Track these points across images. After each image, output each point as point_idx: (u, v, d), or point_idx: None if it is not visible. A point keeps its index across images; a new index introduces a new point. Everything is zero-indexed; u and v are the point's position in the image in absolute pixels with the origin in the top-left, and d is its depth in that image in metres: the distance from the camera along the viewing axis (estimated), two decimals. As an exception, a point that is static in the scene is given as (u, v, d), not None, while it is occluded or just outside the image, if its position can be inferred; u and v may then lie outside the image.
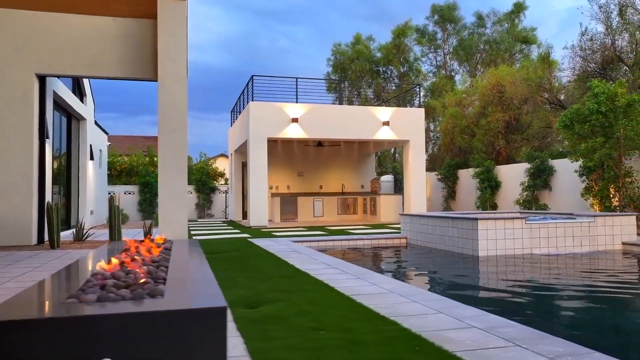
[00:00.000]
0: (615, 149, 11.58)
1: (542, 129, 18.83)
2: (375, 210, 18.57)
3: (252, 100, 16.36)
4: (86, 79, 15.53)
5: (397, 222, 15.99)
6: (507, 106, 19.70)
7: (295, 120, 16.32)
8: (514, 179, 17.17)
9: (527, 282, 6.95)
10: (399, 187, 20.28)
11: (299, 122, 16.36)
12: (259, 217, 15.89)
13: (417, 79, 29.81)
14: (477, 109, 20.98)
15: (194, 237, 12.12)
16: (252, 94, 16.52)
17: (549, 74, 18.59)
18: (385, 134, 17.13)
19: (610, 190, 12.04)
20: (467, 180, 19.62)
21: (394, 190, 19.77)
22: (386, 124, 17.06)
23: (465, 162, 20.51)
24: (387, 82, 30.97)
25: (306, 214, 18.95)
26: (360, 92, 31.04)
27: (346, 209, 19.75)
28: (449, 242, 9.56)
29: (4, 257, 7.97)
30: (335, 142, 20.08)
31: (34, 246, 9.67)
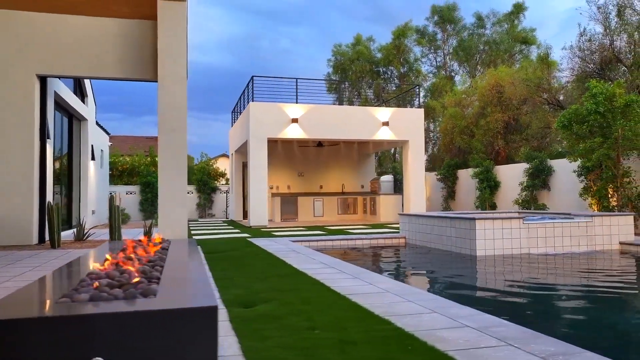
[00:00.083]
0: (613, 149, 11.59)
1: (541, 129, 18.82)
2: (375, 210, 18.60)
3: (253, 100, 16.41)
4: (87, 80, 15.60)
5: (397, 222, 16.01)
6: (506, 106, 19.70)
7: (295, 120, 16.35)
8: (513, 179, 17.18)
9: (523, 282, 6.95)
10: (399, 187, 20.31)
11: (298, 123, 16.39)
12: (259, 217, 15.92)
13: (417, 79, 29.78)
14: (477, 109, 20.97)
15: (195, 236, 12.16)
16: (252, 94, 16.57)
17: (548, 74, 18.58)
18: (384, 134, 17.16)
19: (608, 190, 12.05)
20: (467, 180, 19.64)
21: (393, 190, 19.81)
22: (386, 124, 17.08)
23: (464, 162, 20.52)
24: (387, 83, 30.95)
25: (306, 214, 18.99)
26: (360, 93, 31.04)
27: (346, 208, 19.79)
28: (447, 242, 9.59)
29: (4, 256, 8.02)
30: (335, 142, 20.11)
31: (35, 246, 9.72)
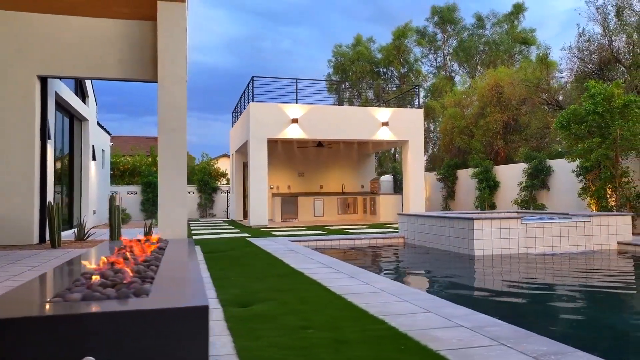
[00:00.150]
0: (611, 149, 11.60)
1: (540, 130, 18.84)
2: (375, 210, 18.63)
3: (253, 101, 16.44)
4: (88, 80, 15.65)
5: (397, 222, 16.02)
6: (505, 107, 19.71)
7: (295, 120, 16.39)
8: (512, 179, 17.19)
9: (520, 282, 6.96)
10: (399, 187, 20.34)
11: (298, 123, 16.42)
12: (259, 217, 15.96)
13: (417, 80, 29.81)
14: (476, 109, 20.98)
15: (195, 236, 12.21)
16: (252, 94, 16.60)
17: (547, 74, 18.59)
18: (384, 135, 17.18)
19: (607, 190, 12.06)
20: (466, 180, 19.65)
21: (393, 190, 19.84)
22: (385, 124, 17.10)
23: (464, 162, 20.53)
24: (388, 83, 30.97)
25: (306, 214, 19.03)
26: (360, 93, 31.06)
27: (346, 208, 19.82)
28: (446, 242, 9.62)
29: (5, 256, 8.07)
30: (334, 142, 20.14)
31: (36, 245, 9.78)
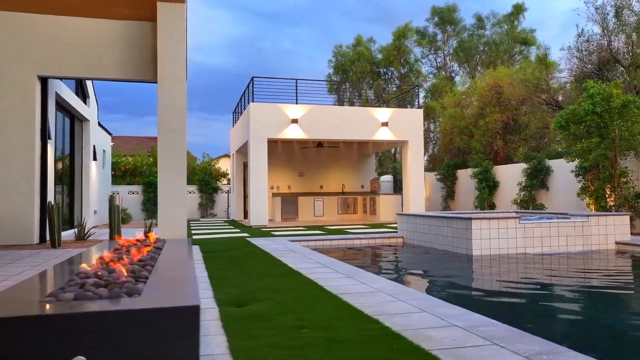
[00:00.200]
0: (610, 149, 11.62)
1: (540, 130, 18.86)
2: (374, 210, 18.66)
3: (253, 101, 16.48)
4: (89, 81, 15.69)
5: (396, 222, 16.06)
6: (505, 107, 19.73)
7: (295, 121, 16.42)
8: (511, 179, 17.21)
9: (517, 282, 6.98)
10: (399, 187, 20.36)
11: (298, 123, 16.45)
12: (259, 217, 16.00)
13: (417, 80, 29.83)
14: (476, 109, 21.01)
15: (195, 236, 12.25)
16: (252, 95, 16.64)
17: (547, 75, 18.60)
18: (384, 135, 17.21)
19: (605, 190, 12.08)
20: (466, 180, 19.67)
21: (393, 190, 19.87)
22: (385, 124, 17.13)
23: (464, 163, 20.55)
24: (388, 84, 30.99)
25: (307, 214, 19.06)
26: (361, 94, 31.08)
27: (346, 208, 19.86)
28: (444, 242, 9.65)
29: (5, 255, 8.12)
30: (334, 142, 20.17)
31: (36, 245, 9.82)
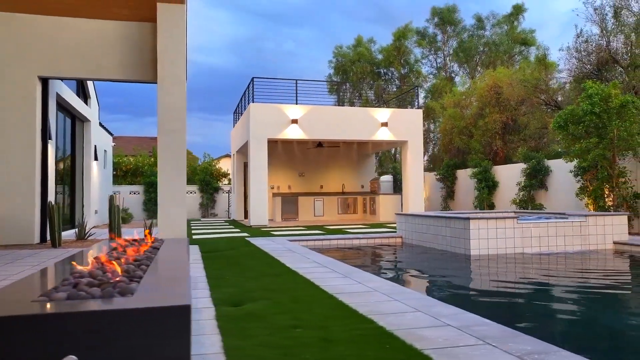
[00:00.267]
0: (608, 149, 11.64)
1: (539, 130, 18.89)
2: (374, 209, 18.70)
3: (253, 102, 16.53)
4: (90, 82, 15.75)
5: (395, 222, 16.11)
6: (504, 107, 19.76)
7: (295, 121, 16.46)
8: (510, 179, 17.23)
9: (514, 282, 7.01)
10: (399, 187, 20.40)
11: (298, 123, 16.50)
12: (259, 217, 16.05)
13: (417, 80, 29.87)
14: (475, 110, 21.04)
15: (195, 236, 12.30)
16: (252, 95, 16.69)
17: (546, 75, 18.62)
18: (383, 135, 17.25)
19: (604, 190, 12.10)
20: (465, 180, 19.70)
21: (393, 190, 19.91)
22: (385, 125, 17.16)
23: (463, 163, 20.57)
24: (388, 84, 31.03)
25: (307, 214, 19.11)
26: (361, 94, 31.11)
27: (346, 208, 19.90)
28: (442, 241, 9.68)
29: (5, 255, 8.17)
30: (334, 142, 20.21)
31: (36, 245, 9.88)
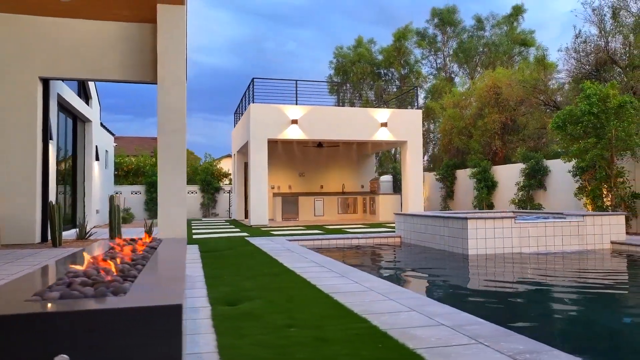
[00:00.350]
0: (607, 149, 11.68)
1: (538, 130, 18.92)
2: (374, 209, 18.75)
3: (253, 102, 16.58)
4: (92, 82, 15.81)
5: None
6: (503, 107, 19.80)
7: (295, 121, 16.51)
8: (509, 179, 17.27)
9: (511, 281, 7.03)
10: (399, 187, 20.44)
11: (298, 124, 16.55)
12: (260, 217, 16.10)
13: (417, 81, 29.90)
14: (474, 110, 21.07)
15: (195, 235, 12.36)
16: (252, 96, 16.75)
17: (545, 76, 18.64)
18: (383, 135, 17.29)
19: (602, 190, 12.13)
20: (465, 180, 19.74)
21: (393, 190, 19.95)
22: (384, 125, 17.20)
23: (463, 163, 20.61)
24: (388, 85, 31.05)
25: (307, 214, 19.16)
26: (361, 95, 31.14)
27: (346, 208, 19.94)
28: (440, 241, 9.71)
29: (6, 255, 8.22)
30: (334, 143, 20.26)
31: (37, 245, 9.93)
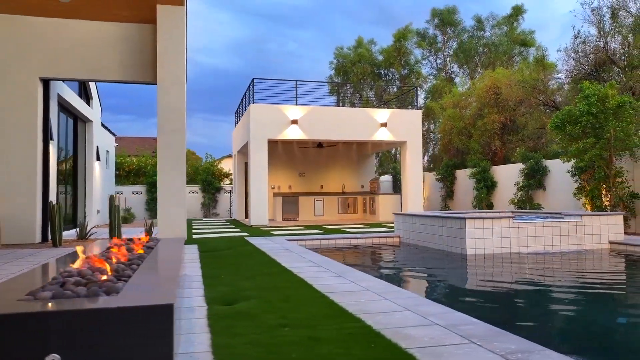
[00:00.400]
0: (605, 149, 11.69)
1: (537, 130, 18.93)
2: (374, 209, 18.77)
3: (253, 102, 16.62)
4: (92, 82, 15.87)
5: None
6: (503, 108, 19.82)
7: (295, 121, 16.53)
8: (509, 179, 17.27)
9: (509, 281, 7.04)
10: (400, 187, 20.46)
11: (298, 124, 16.57)
12: (260, 216, 16.13)
13: (417, 81, 29.93)
14: (474, 110, 21.09)
15: (195, 235, 12.39)
16: (252, 96, 16.78)
17: (544, 76, 18.65)
18: (383, 135, 17.30)
19: (601, 190, 12.14)
20: (464, 180, 19.74)
21: (393, 190, 19.97)
22: (384, 125, 17.21)
23: (462, 163, 20.62)
24: (389, 85, 31.08)
25: (307, 214, 19.19)
26: (361, 95, 31.17)
27: (346, 208, 19.97)
28: (439, 241, 9.73)
29: (6, 254, 8.26)
30: (334, 143, 20.28)
31: (38, 244, 9.98)
